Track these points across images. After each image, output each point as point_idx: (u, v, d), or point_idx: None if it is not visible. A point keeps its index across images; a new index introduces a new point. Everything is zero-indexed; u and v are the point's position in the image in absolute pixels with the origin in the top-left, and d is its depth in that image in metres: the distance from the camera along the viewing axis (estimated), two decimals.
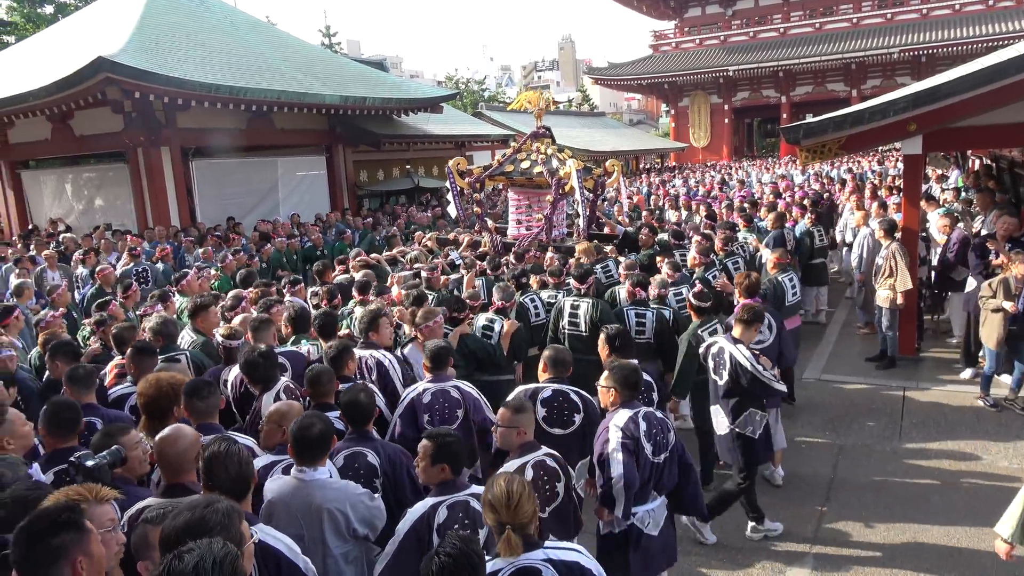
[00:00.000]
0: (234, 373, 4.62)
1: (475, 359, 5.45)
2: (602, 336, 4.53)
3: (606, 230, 9.44)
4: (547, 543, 2.56)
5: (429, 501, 3.00)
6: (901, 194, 9.46)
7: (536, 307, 6.53)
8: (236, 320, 5.56)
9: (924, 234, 9.00)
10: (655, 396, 4.55)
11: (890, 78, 36.81)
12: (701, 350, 5.08)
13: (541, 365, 4.35)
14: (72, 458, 2.73)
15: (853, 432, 6.59)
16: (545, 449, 3.47)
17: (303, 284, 7.03)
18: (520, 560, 2.45)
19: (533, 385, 4.29)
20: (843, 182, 17.31)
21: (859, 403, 7.17)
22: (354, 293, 6.37)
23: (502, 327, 5.74)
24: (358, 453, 3.51)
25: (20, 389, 4.47)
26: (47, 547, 1.95)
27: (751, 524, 5.02)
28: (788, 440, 6.41)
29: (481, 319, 5.85)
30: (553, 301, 6.53)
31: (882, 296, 7.90)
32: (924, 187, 11.09)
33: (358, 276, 6.90)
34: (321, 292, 6.41)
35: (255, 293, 6.49)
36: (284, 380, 4.21)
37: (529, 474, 3.33)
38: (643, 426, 3.61)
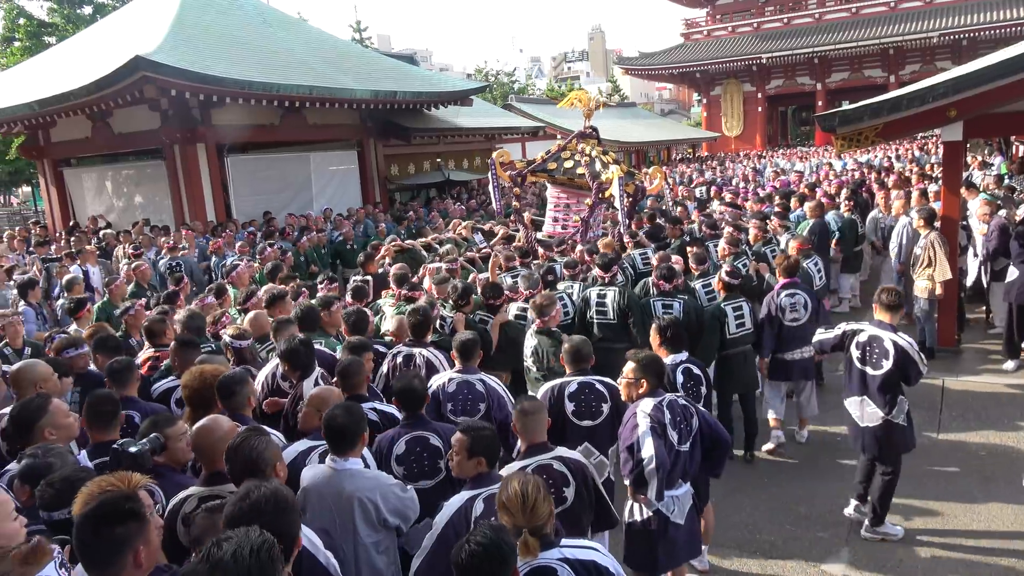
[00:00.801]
0: (263, 375, 4.60)
1: (515, 347, 5.47)
2: (653, 328, 4.54)
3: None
4: (563, 541, 2.53)
5: (465, 494, 2.99)
6: (939, 182, 9.24)
7: (565, 306, 6.45)
8: (245, 320, 5.62)
9: (965, 223, 8.79)
10: (703, 390, 4.51)
11: (930, 63, 35.88)
12: (826, 335, 5.03)
13: (561, 359, 4.34)
14: (115, 446, 2.81)
15: None
16: (558, 452, 3.34)
17: (339, 282, 7.12)
18: (535, 560, 2.43)
19: (558, 381, 4.25)
20: (885, 170, 16.90)
21: None
22: (392, 287, 6.43)
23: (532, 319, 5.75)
24: (419, 437, 3.56)
25: (89, 382, 4.55)
26: (112, 535, 2.01)
27: (855, 503, 4.99)
28: (823, 434, 6.38)
29: (513, 308, 5.88)
30: (569, 292, 6.55)
31: (920, 286, 7.74)
32: (964, 174, 10.76)
33: (394, 267, 6.93)
34: (357, 284, 6.47)
35: (294, 285, 6.58)
36: (319, 369, 4.27)
37: None
38: (667, 415, 3.61)
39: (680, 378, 4.42)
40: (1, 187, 38.76)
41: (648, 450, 3.48)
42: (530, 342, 5.26)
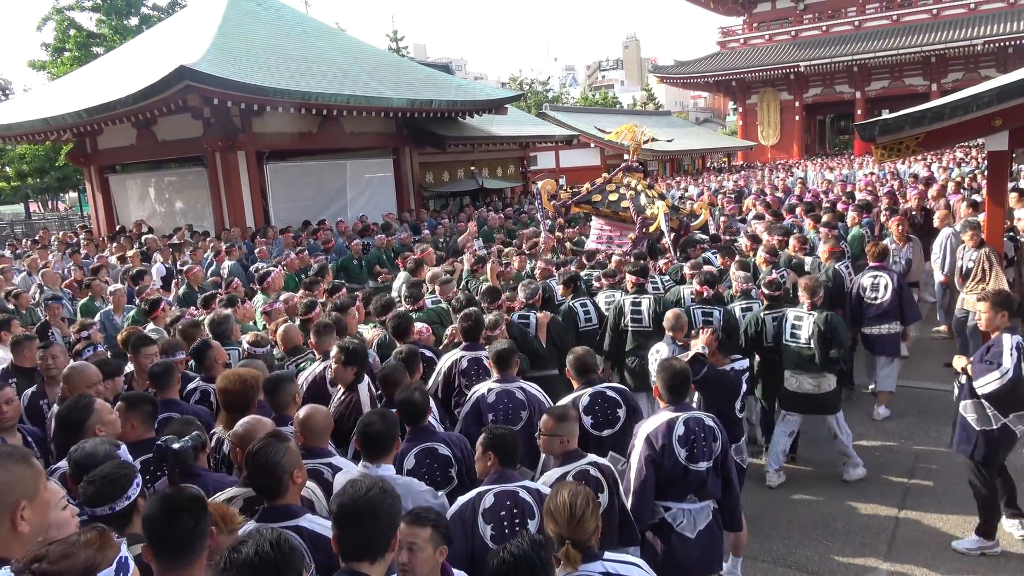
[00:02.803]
0: (301, 379, 4.65)
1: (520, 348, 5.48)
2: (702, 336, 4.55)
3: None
4: (607, 555, 2.52)
5: (478, 489, 3.07)
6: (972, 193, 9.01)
7: (587, 312, 6.46)
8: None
9: (1012, 233, 8.56)
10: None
11: (973, 71, 35.16)
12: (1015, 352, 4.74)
13: (567, 372, 4.32)
14: (159, 442, 2.86)
15: (931, 439, 6.34)
16: (591, 458, 3.37)
17: (344, 289, 7.08)
18: (576, 571, 2.43)
19: (572, 396, 4.21)
20: (926, 181, 16.50)
21: (937, 409, 6.88)
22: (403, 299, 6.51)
23: (536, 320, 5.77)
24: (428, 449, 3.57)
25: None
26: (192, 525, 2.09)
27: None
28: (861, 448, 6.26)
29: (514, 315, 5.90)
30: (611, 301, 6.53)
31: (971, 301, 7.53)
32: (1012, 182, 10.49)
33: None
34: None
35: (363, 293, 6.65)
36: (367, 380, 4.31)
37: None
38: (679, 431, 3.55)
39: (744, 387, 4.52)
40: (50, 193, 40.04)
41: (629, 482, 3.55)
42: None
